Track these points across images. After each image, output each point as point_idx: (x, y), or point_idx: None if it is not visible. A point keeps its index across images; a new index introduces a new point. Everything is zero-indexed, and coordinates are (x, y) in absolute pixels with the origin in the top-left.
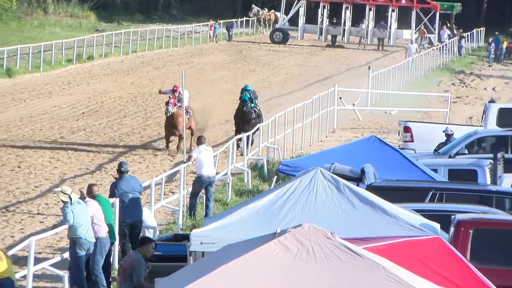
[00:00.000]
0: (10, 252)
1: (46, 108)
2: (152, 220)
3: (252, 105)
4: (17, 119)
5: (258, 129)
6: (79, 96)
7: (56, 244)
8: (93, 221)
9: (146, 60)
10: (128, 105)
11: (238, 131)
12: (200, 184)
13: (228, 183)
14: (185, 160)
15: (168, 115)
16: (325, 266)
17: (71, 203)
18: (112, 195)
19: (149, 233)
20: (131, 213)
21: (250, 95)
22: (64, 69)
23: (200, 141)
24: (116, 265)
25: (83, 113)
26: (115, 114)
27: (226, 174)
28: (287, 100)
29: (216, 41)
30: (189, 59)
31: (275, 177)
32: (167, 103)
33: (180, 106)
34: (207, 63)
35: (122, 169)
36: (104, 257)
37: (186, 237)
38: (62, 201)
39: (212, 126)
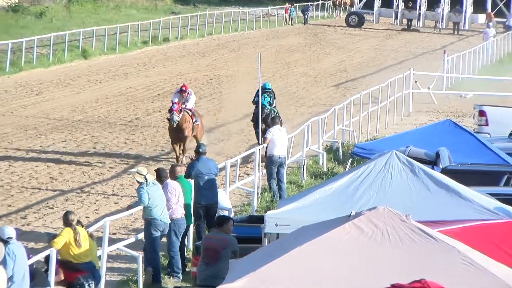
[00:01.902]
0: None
1: (122, 89)
2: (227, 201)
3: (272, 106)
4: (92, 100)
5: None
6: (154, 78)
7: (131, 225)
8: (170, 202)
9: (221, 42)
10: (204, 87)
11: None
12: (272, 164)
13: (303, 166)
14: (260, 142)
15: (174, 125)
16: (400, 248)
17: (146, 184)
18: (188, 176)
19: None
20: (206, 194)
21: (269, 97)
22: (140, 51)
23: (274, 121)
24: (191, 247)
25: (159, 94)
26: None
27: (301, 156)
28: (362, 83)
29: (291, 24)
30: (264, 41)
31: (350, 159)
32: (170, 111)
33: (186, 108)
34: (282, 46)
35: (200, 150)
36: (180, 239)
37: (261, 219)
38: (138, 182)
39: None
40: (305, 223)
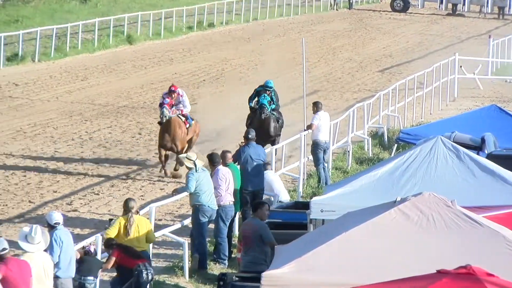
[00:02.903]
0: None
1: (167, 75)
2: (279, 183)
3: (273, 106)
4: (138, 86)
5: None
6: (200, 64)
7: (177, 211)
8: (219, 189)
9: (266, 27)
10: (249, 73)
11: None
12: (319, 149)
13: (349, 151)
14: (305, 128)
15: (164, 120)
16: (445, 234)
17: (196, 170)
18: (237, 161)
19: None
20: (253, 180)
21: (270, 96)
22: (185, 36)
23: (317, 106)
24: (237, 233)
25: (204, 80)
26: (235, 82)
27: (346, 142)
28: (407, 68)
29: (336, 9)
30: (309, 27)
31: (396, 145)
32: (161, 105)
33: (180, 114)
34: (328, 31)
35: (250, 136)
36: (227, 225)
37: (306, 205)
38: (187, 167)
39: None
40: (351, 209)
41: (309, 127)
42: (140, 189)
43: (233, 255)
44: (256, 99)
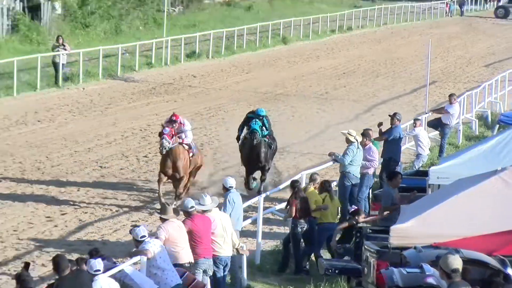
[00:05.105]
0: (283, 185)
1: (314, 69)
2: (426, 140)
3: (266, 133)
4: (290, 77)
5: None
6: (340, 60)
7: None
8: (372, 162)
9: (394, 31)
10: (380, 68)
11: (250, 172)
12: (447, 130)
13: (459, 130)
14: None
15: (164, 152)
16: None
17: (358, 147)
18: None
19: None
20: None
21: (262, 122)
22: (328, 38)
23: (452, 98)
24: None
25: (344, 73)
26: (369, 74)
27: (458, 123)
28: (508, 63)
29: (450, 16)
30: (428, 30)
31: (497, 125)
32: (161, 134)
33: (183, 143)
34: (443, 33)
35: (398, 117)
36: (368, 189)
37: (425, 173)
38: (349, 140)
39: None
40: (461, 176)
41: (439, 111)
42: (294, 158)
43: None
44: (245, 127)
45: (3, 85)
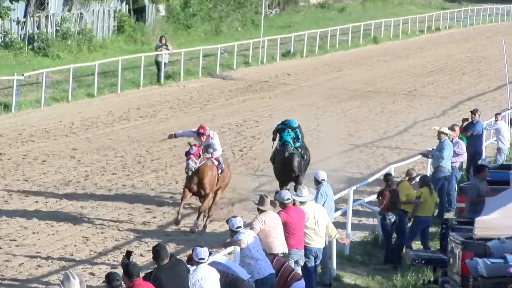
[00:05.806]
0: (372, 178)
1: (403, 67)
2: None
3: (297, 144)
4: (381, 75)
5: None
6: (429, 58)
7: None
8: (458, 156)
9: (480, 31)
10: (466, 65)
11: (283, 184)
12: None
13: None
14: None
15: (190, 173)
16: None
17: (451, 141)
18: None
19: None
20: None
21: (294, 133)
22: (418, 37)
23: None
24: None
25: (432, 71)
26: (456, 72)
27: None
28: None
29: None
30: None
31: None
32: (187, 154)
33: (211, 157)
34: None
35: (478, 112)
36: (456, 182)
37: (509, 166)
38: (441, 133)
39: None
40: None
41: None
42: (381, 154)
43: (453, 205)
44: (278, 137)
45: (108, 82)
